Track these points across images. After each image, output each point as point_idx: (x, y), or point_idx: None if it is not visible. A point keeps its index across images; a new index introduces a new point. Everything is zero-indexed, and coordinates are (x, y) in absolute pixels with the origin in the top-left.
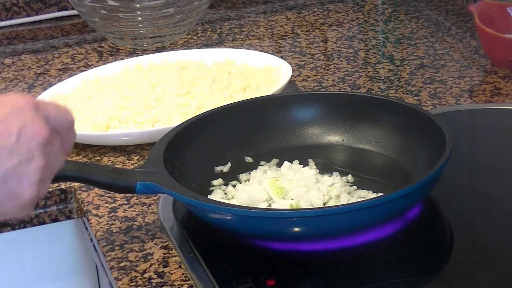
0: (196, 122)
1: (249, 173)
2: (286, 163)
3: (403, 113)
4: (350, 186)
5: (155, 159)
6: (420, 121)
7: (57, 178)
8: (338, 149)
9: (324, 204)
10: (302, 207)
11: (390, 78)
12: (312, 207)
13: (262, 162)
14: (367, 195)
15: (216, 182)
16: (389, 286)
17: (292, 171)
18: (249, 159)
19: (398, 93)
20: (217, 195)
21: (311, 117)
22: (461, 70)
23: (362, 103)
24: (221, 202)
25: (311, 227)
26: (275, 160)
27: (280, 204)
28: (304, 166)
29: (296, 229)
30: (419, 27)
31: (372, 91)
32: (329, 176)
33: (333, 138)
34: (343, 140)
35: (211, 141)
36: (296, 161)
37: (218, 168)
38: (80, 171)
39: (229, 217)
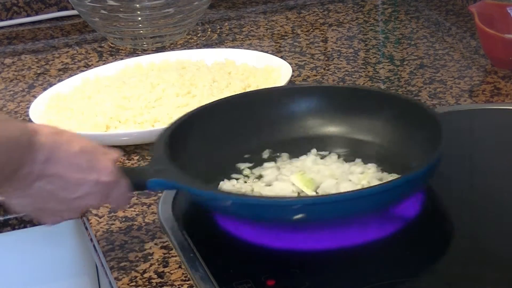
0: (192, 116)
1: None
2: (309, 155)
3: (397, 104)
4: (381, 172)
5: (160, 156)
6: (414, 112)
7: None
8: (335, 140)
9: None
10: None
11: (390, 78)
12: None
13: (276, 154)
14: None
15: (221, 184)
16: (389, 286)
17: (315, 162)
18: (246, 154)
19: (398, 93)
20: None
21: (306, 109)
22: (461, 70)
23: (356, 95)
24: (240, 193)
25: (317, 213)
26: (285, 155)
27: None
28: (323, 157)
29: (301, 215)
30: (419, 27)
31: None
32: (354, 164)
33: (331, 129)
34: (339, 131)
35: (209, 136)
36: (314, 150)
37: (218, 163)
38: None
39: (245, 208)
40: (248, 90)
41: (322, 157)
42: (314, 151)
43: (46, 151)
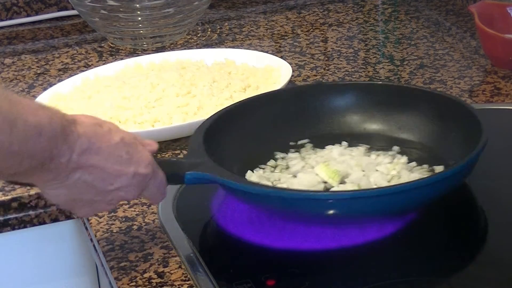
0: (230, 112)
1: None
2: (336, 146)
3: (436, 102)
4: (408, 163)
5: (197, 150)
6: (454, 110)
7: None
8: (374, 137)
9: (388, 182)
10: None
11: (390, 78)
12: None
13: (292, 150)
14: (425, 172)
15: (255, 171)
16: (389, 286)
17: (340, 153)
18: (284, 148)
19: None
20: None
21: (345, 106)
22: (461, 70)
23: (397, 93)
24: (279, 187)
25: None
26: (308, 145)
27: (341, 189)
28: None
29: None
30: (419, 27)
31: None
32: (384, 155)
33: (371, 126)
34: (379, 128)
35: (246, 130)
36: (345, 143)
37: (255, 157)
38: None
39: (284, 202)
40: (248, 90)
41: (348, 148)
42: (344, 143)
43: (85, 141)
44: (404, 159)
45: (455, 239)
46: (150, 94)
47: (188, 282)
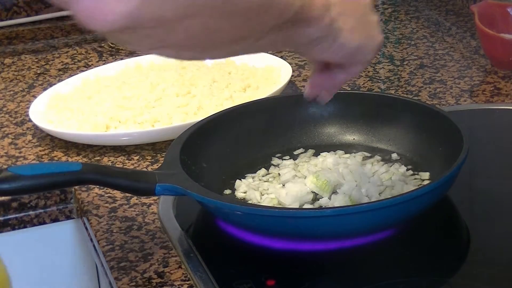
0: (209, 123)
1: (273, 171)
2: (331, 154)
3: (417, 111)
4: (406, 171)
5: (172, 161)
6: (435, 120)
7: (77, 182)
8: (353, 148)
9: (379, 194)
10: (357, 201)
11: (390, 78)
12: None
13: (286, 157)
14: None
15: (244, 180)
16: (389, 286)
17: (335, 162)
18: (263, 158)
19: (398, 93)
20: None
21: (323, 116)
22: (461, 70)
23: (375, 102)
24: (245, 202)
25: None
26: (305, 153)
27: (335, 200)
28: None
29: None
30: (419, 27)
31: (372, 91)
32: (380, 164)
33: (345, 137)
34: (354, 139)
35: (225, 141)
36: (342, 152)
37: (234, 168)
38: (100, 174)
39: (253, 218)
40: (248, 90)
41: (345, 156)
42: (339, 151)
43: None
44: (402, 168)
45: (455, 239)
46: (150, 94)
47: (188, 282)
